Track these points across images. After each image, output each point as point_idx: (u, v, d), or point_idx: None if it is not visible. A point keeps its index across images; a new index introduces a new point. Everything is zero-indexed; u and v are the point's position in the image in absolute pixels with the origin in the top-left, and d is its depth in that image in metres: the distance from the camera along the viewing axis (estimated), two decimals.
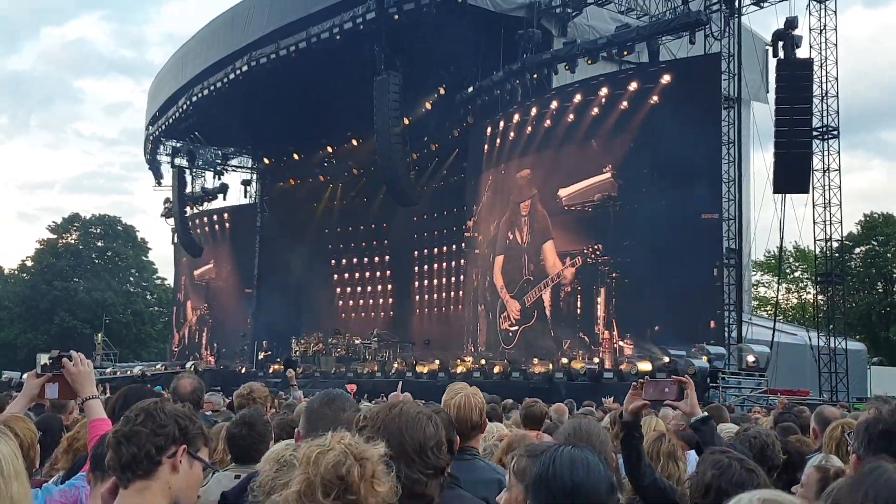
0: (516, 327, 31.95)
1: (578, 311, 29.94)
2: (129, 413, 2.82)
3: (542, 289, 30.97)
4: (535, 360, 29.00)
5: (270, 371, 36.30)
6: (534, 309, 31.19)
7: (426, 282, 43.06)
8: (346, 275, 46.92)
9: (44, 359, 3.98)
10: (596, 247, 29.06)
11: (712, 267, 26.43)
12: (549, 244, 30.94)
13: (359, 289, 46.58)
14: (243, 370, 38.95)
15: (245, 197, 52.39)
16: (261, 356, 41.15)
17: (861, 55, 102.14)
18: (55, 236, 72.87)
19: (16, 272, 74.76)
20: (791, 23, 26.47)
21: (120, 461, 2.73)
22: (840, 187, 27.52)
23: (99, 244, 73.94)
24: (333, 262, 47.17)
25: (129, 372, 41.28)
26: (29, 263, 72.57)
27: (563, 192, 30.43)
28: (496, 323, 32.89)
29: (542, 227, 31.23)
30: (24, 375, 3.86)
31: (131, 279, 75.86)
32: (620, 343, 27.88)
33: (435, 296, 42.34)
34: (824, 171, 27.39)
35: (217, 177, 50.88)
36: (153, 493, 2.73)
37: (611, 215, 29.05)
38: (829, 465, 3.81)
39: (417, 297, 43.17)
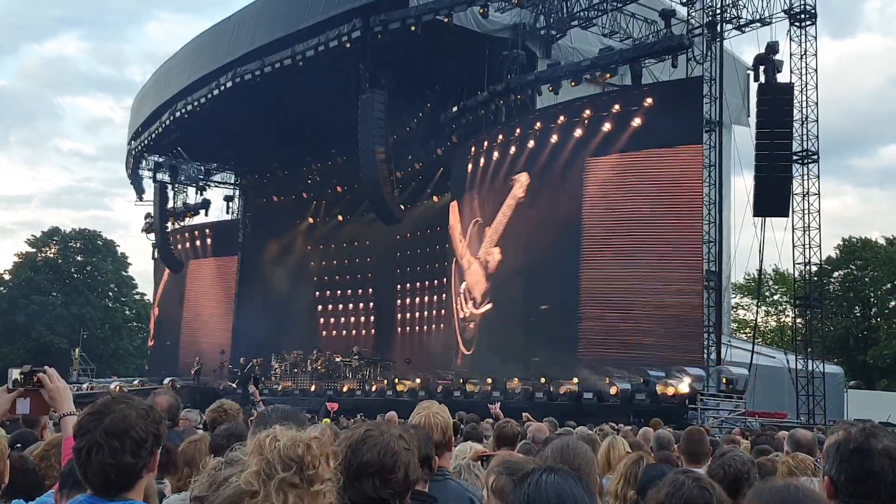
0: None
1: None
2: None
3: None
4: (516, 379, 28.96)
5: (250, 389, 35.93)
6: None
7: (409, 300, 43.05)
8: (328, 292, 46.81)
9: (15, 374, 3.89)
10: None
11: (692, 289, 26.54)
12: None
13: (340, 306, 46.49)
14: (222, 387, 38.70)
15: (227, 213, 52.30)
16: (240, 374, 40.88)
17: (829, 83, 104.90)
18: (34, 250, 71.67)
19: None
20: (772, 48, 26.64)
21: None
22: (819, 211, 27.56)
23: (78, 258, 72.94)
24: (315, 279, 47.06)
25: (105, 388, 40.83)
26: (7, 277, 70.89)
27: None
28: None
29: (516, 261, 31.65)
30: None
31: (110, 294, 75.08)
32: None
33: (417, 314, 42.32)
34: (804, 196, 27.40)
35: (199, 192, 50.68)
36: None
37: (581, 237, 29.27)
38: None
39: (400, 315, 43.17)
